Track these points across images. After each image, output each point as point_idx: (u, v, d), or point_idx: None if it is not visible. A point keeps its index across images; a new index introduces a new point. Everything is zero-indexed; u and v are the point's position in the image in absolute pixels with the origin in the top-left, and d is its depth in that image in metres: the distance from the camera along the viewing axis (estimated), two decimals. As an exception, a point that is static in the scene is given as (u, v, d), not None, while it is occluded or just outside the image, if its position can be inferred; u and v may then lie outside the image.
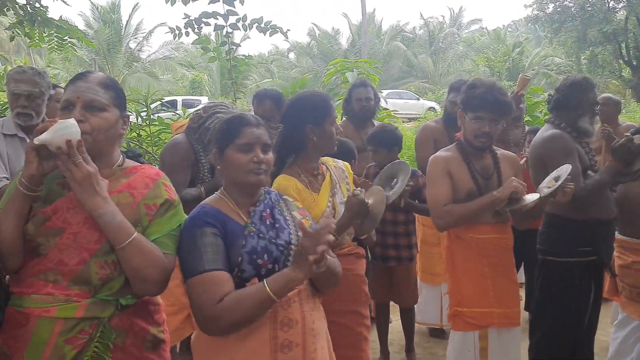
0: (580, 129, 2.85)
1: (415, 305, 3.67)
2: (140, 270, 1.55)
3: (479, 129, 2.56)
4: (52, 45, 5.30)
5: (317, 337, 1.72)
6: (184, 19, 4.50)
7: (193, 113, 3.08)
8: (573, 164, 2.61)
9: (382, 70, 10.36)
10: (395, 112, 7.27)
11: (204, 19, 4.46)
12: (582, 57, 25.77)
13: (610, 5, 23.03)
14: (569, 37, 23.65)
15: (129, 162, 1.71)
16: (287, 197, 1.93)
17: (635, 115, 16.57)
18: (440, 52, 33.04)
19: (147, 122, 6.00)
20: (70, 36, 5.25)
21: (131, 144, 5.38)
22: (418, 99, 24.36)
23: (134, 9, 29.96)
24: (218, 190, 1.80)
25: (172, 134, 3.38)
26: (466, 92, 2.62)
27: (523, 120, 4.44)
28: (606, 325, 3.64)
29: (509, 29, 41.48)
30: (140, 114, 5.99)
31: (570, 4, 23.53)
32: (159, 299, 1.77)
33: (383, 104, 5.52)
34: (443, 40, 33.35)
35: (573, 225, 2.78)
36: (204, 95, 26.00)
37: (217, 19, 4.40)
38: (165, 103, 8.02)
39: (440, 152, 2.71)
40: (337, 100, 5.26)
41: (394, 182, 2.70)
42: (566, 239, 2.80)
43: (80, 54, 24.62)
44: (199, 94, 26.12)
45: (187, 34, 4.59)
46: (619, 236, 2.99)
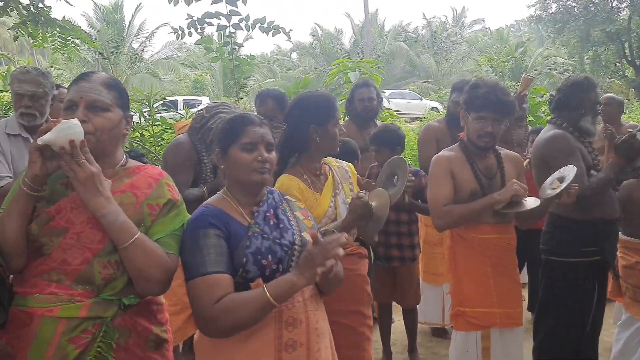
0: (582, 129, 2.85)
1: (418, 305, 3.67)
2: (143, 270, 1.55)
3: (482, 129, 2.55)
4: (55, 46, 5.30)
5: (320, 336, 1.72)
6: (186, 19, 4.49)
7: (196, 113, 3.09)
8: (576, 163, 2.61)
9: (385, 70, 10.34)
10: (397, 112, 7.29)
11: (207, 19, 4.45)
12: (585, 57, 25.74)
13: (614, 5, 23.00)
14: (572, 37, 23.64)
15: (132, 162, 1.71)
16: (290, 197, 1.93)
17: (638, 115, 16.49)
18: (442, 52, 33.00)
19: (149, 122, 6.01)
20: (73, 36, 5.25)
21: (134, 144, 5.40)
22: (421, 99, 24.34)
23: (136, 9, 30.15)
24: (220, 190, 1.80)
25: (175, 134, 3.38)
26: (469, 92, 2.61)
27: (526, 120, 4.44)
28: (609, 325, 3.62)
29: (512, 28, 41.50)
30: (143, 114, 6.01)
31: (574, 4, 23.50)
32: (162, 299, 1.77)
33: (386, 104, 5.51)
34: (446, 40, 33.29)
35: (577, 225, 2.77)
36: (206, 95, 26.03)
37: (220, 19, 4.39)
38: (167, 103, 8.04)
39: (443, 152, 2.71)
40: (340, 100, 5.25)
41: (395, 179, 2.69)
42: (570, 239, 2.80)
43: (83, 54, 24.68)
44: (202, 94, 26.16)
45: (190, 34, 4.58)
46: (622, 237, 2.98)
